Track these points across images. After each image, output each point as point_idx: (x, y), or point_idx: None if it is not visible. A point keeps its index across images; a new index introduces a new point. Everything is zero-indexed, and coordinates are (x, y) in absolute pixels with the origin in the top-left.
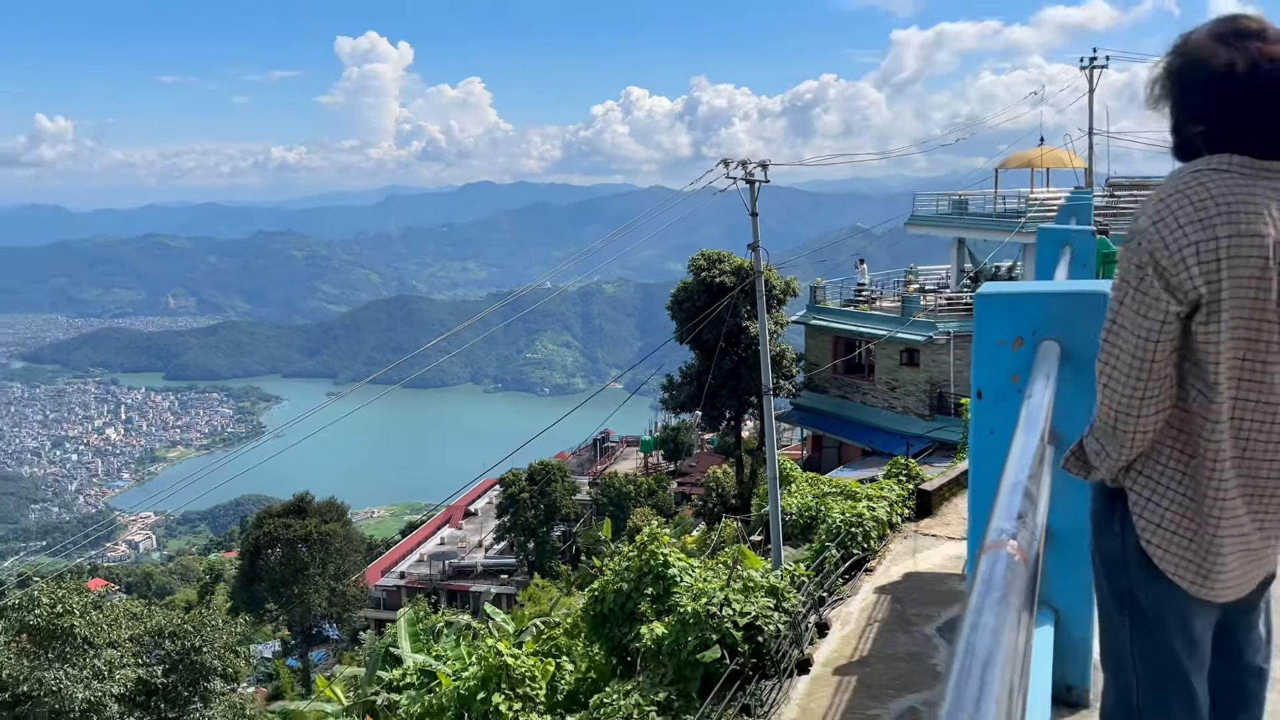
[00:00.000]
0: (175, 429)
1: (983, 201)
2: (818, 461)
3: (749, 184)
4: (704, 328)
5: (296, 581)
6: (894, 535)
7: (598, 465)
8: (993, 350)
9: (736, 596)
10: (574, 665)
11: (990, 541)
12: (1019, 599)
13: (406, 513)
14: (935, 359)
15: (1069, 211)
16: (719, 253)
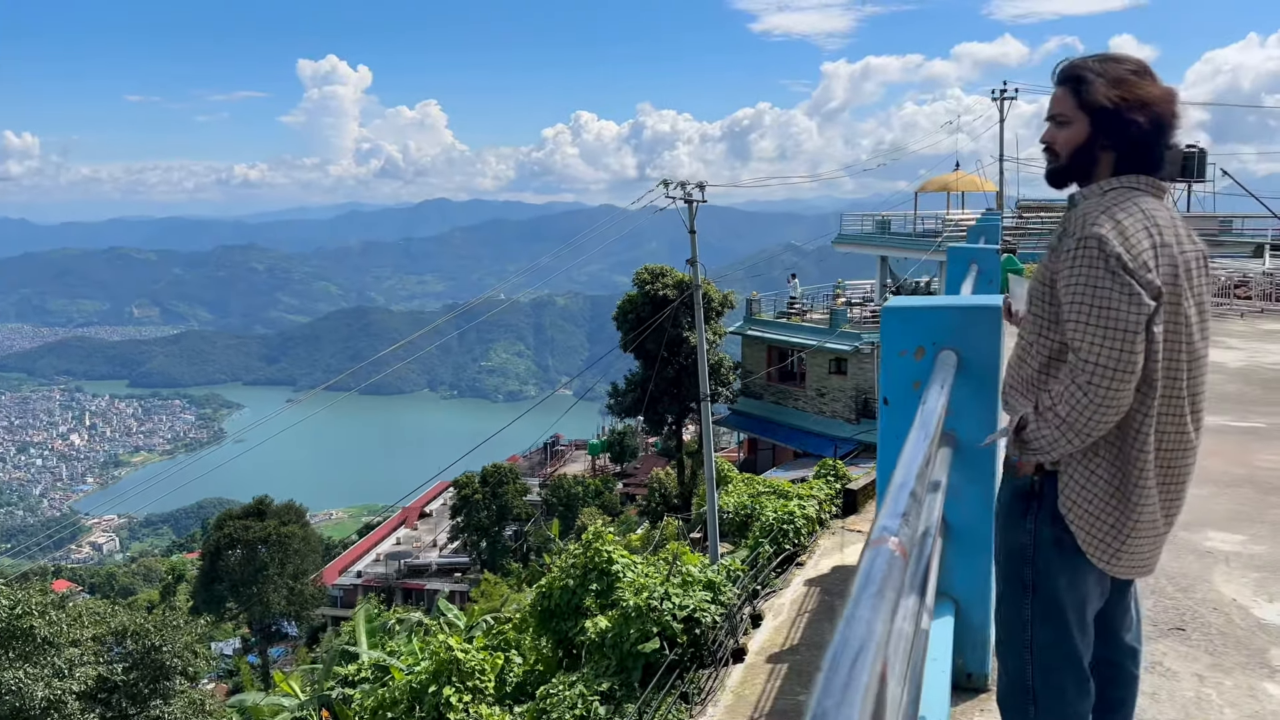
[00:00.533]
0: (139, 435)
1: (904, 221)
2: (753, 463)
3: (688, 203)
4: (647, 338)
5: (256, 581)
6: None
7: (548, 468)
8: (897, 360)
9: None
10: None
11: (874, 538)
12: (895, 593)
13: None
14: (861, 368)
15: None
16: (661, 267)
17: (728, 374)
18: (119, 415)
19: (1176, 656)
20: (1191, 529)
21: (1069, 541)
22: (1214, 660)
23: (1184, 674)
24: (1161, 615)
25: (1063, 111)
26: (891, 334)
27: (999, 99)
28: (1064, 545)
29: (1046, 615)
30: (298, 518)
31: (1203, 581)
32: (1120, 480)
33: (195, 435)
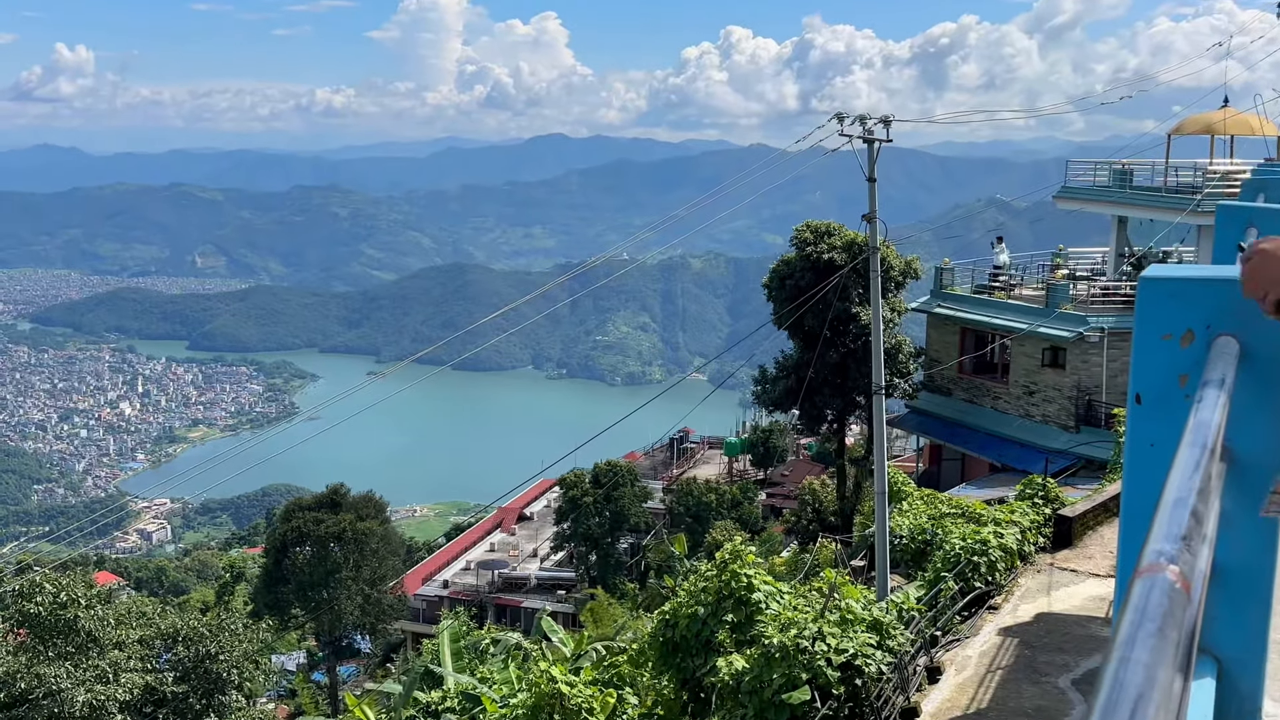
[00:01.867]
0: (198, 406)
1: (1151, 173)
2: (936, 476)
3: (867, 144)
4: (806, 312)
5: (327, 585)
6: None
7: (674, 469)
8: (1156, 345)
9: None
10: (638, 698)
11: (1146, 565)
12: (1178, 633)
13: (453, 513)
14: (1085, 360)
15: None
16: (828, 224)
17: (907, 362)
18: (176, 382)
19: None
20: None
21: None
22: None
23: None
24: None
25: None
26: (1151, 311)
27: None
28: None
29: None
30: (377, 513)
31: None
32: None
33: (263, 409)
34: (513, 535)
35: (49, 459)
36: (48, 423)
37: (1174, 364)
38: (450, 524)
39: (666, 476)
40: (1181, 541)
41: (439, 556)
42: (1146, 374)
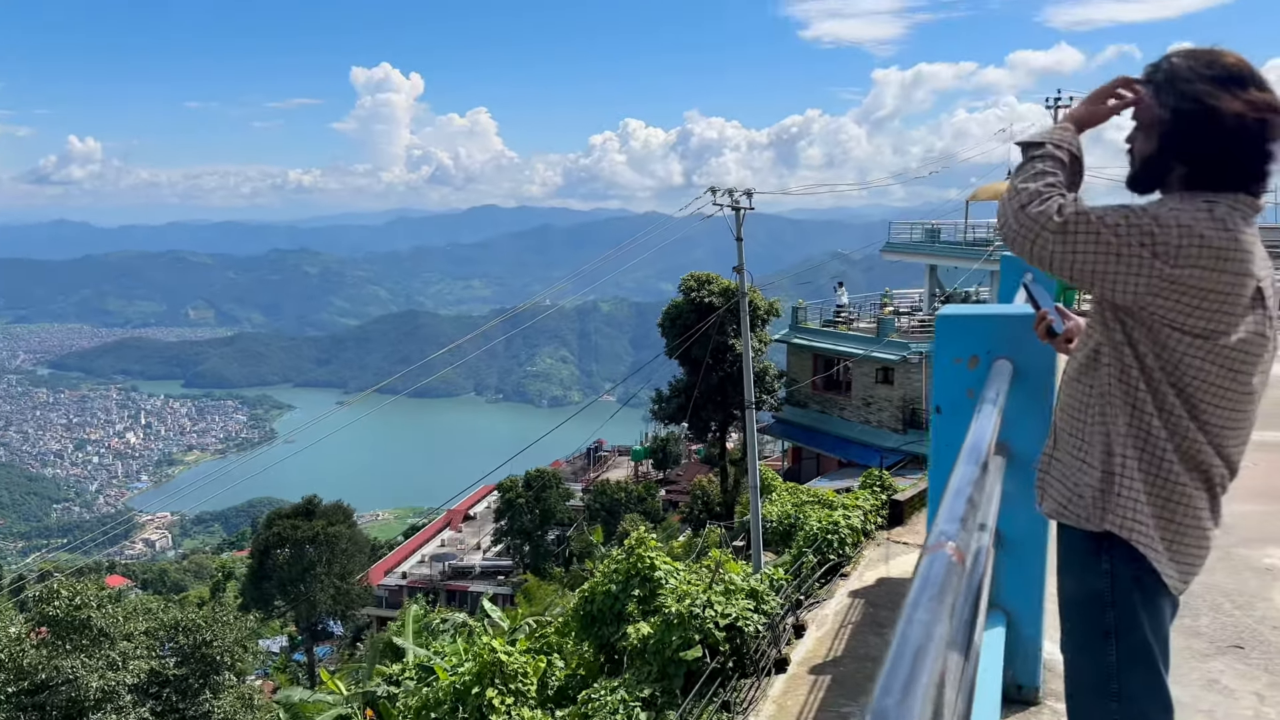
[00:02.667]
0: (192, 434)
1: (954, 231)
2: (797, 472)
3: (735, 211)
4: (692, 344)
5: (304, 580)
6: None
7: (591, 473)
8: (950, 368)
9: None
10: (564, 663)
11: (931, 543)
12: (954, 597)
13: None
14: (908, 377)
15: None
16: (707, 274)
17: (773, 382)
18: (173, 415)
19: (1235, 675)
20: (1252, 545)
21: (1148, 578)
22: (1273, 678)
23: (1242, 692)
24: (1220, 633)
25: (1140, 114)
26: (946, 341)
27: (1053, 107)
28: (1144, 581)
29: (1136, 660)
30: (345, 518)
31: (1262, 599)
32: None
33: (247, 435)
34: (459, 532)
35: (66, 482)
36: (65, 452)
37: (964, 382)
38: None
39: (585, 479)
40: (960, 523)
41: (398, 552)
42: (944, 390)
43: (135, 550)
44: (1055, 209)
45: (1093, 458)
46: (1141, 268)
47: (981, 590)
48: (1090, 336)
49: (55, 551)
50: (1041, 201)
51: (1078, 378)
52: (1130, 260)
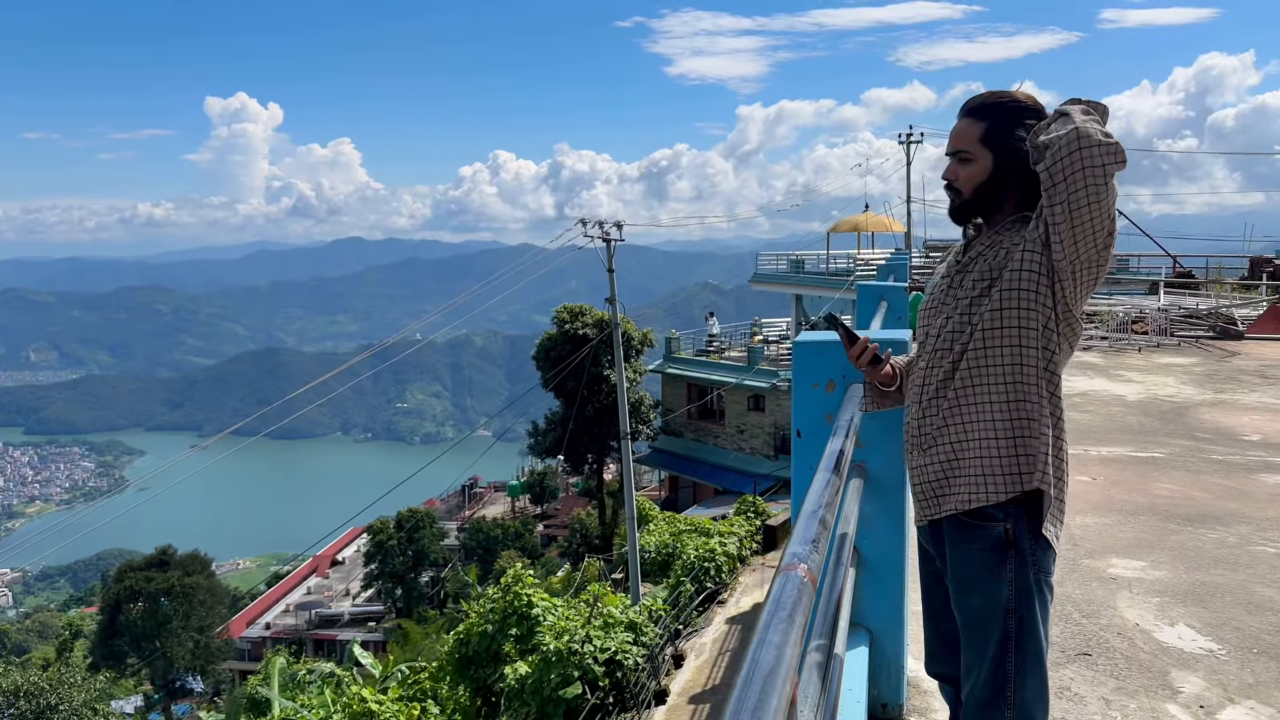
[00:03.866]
0: (34, 484)
1: (817, 261)
2: (674, 501)
3: (606, 242)
4: (567, 376)
5: (159, 635)
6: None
7: (466, 510)
8: (809, 393)
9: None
10: (440, 708)
11: (784, 565)
12: (804, 617)
13: (273, 563)
14: (779, 404)
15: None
16: (581, 306)
17: (648, 412)
18: (14, 464)
19: (1083, 681)
20: (1096, 556)
21: (1045, 580)
22: (1119, 684)
23: (1090, 698)
24: (1068, 641)
25: (965, 147)
26: (804, 368)
27: (906, 143)
28: (1041, 586)
29: (1033, 665)
30: (203, 568)
31: (1107, 607)
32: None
33: (95, 484)
34: (327, 579)
35: None
36: None
37: (822, 406)
38: (270, 572)
39: (460, 517)
40: (811, 544)
41: (261, 602)
42: (803, 414)
43: None
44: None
45: (1002, 430)
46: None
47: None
48: (973, 318)
49: None
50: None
51: (978, 358)
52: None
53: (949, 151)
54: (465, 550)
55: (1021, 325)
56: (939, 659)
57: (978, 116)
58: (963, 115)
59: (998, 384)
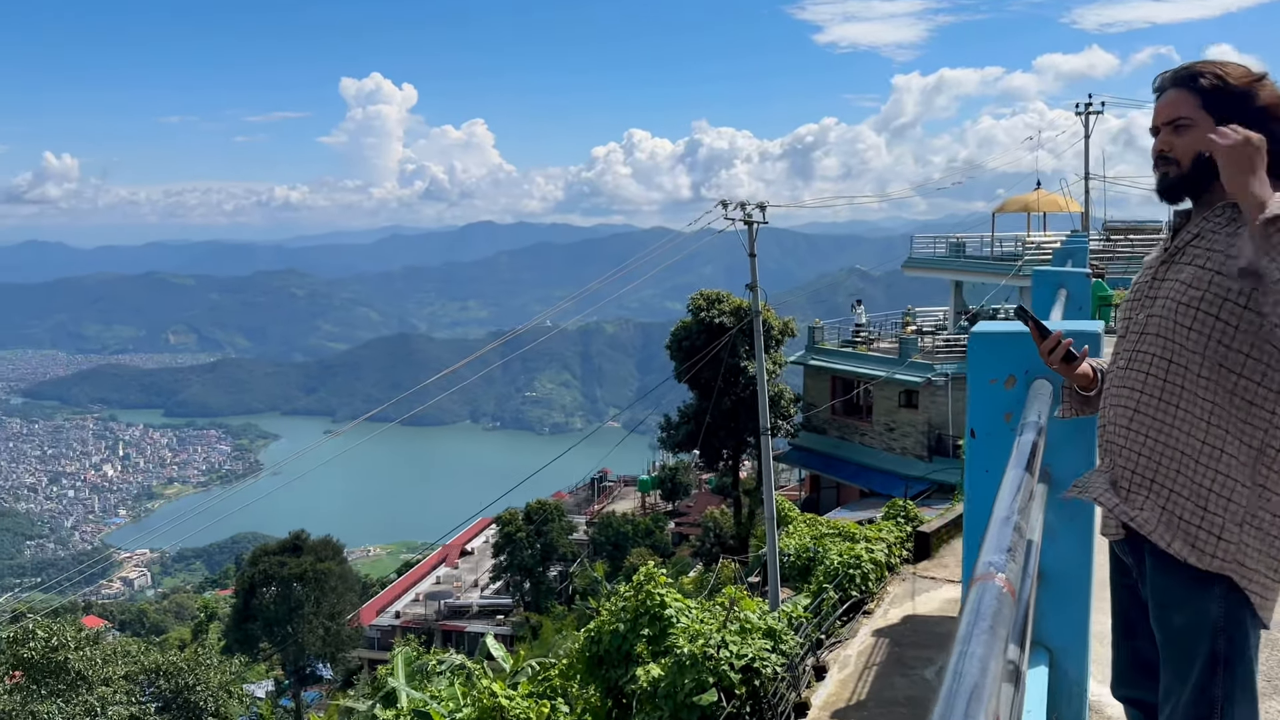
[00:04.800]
0: (173, 466)
1: (980, 244)
2: (816, 502)
3: (747, 225)
4: (702, 367)
5: (291, 620)
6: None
7: (595, 504)
8: (986, 389)
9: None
10: (570, 707)
11: (980, 574)
12: (1006, 630)
13: (403, 551)
14: (933, 400)
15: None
16: (717, 292)
17: (788, 406)
18: (153, 445)
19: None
20: None
21: (1249, 602)
22: None
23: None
24: (1275, 670)
25: (1185, 114)
26: (980, 361)
27: (1084, 113)
28: (1249, 606)
29: (1243, 692)
30: (335, 554)
31: None
32: None
33: (231, 466)
34: (456, 569)
35: (40, 517)
36: (39, 485)
37: (1000, 404)
38: (400, 561)
39: (589, 511)
40: (1007, 553)
41: (391, 590)
42: (979, 412)
43: (113, 589)
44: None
45: (1205, 482)
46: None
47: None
48: (1179, 351)
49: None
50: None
51: (1179, 361)
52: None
53: (1162, 122)
54: (594, 545)
55: (1224, 343)
56: (1130, 681)
57: (1192, 84)
58: (1173, 85)
59: (1200, 393)
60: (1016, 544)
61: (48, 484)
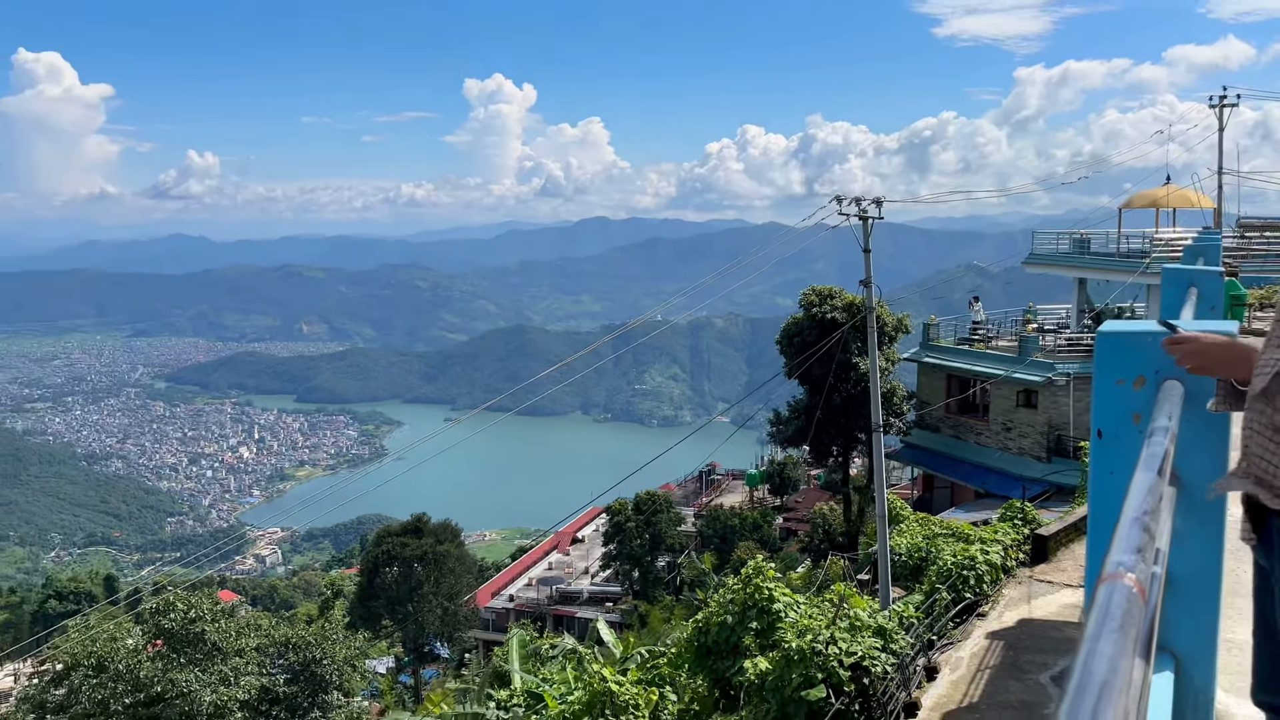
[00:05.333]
0: (304, 449)
1: (1105, 241)
2: (928, 502)
3: (862, 221)
4: (813, 363)
5: (411, 600)
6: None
7: (703, 497)
8: (1113, 389)
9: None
10: (677, 696)
11: (1109, 573)
12: (1136, 629)
13: (516, 537)
14: (1054, 400)
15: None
16: (830, 289)
17: (901, 404)
18: (286, 429)
19: None
20: None
21: None
22: None
23: None
24: None
25: None
26: (1108, 360)
27: (1218, 106)
28: None
29: None
30: (453, 537)
31: None
32: None
33: (357, 451)
34: (567, 555)
35: (180, 496)
36: (179, 465)
37: (1128, 405)
38: (515, 546)
39: (697, 504)
40: (1137, 553)
41: (505, 574)
42: (1105, 413)
43: (246, 565)
44: None
45: None
46: None
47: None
48: None
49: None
50: None
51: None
52: None
53: None
54: (701, 537)
55: None
56: (1272, 686)
57: None
58: None
59: None
60: (1146, 545)
61: (188, 464)
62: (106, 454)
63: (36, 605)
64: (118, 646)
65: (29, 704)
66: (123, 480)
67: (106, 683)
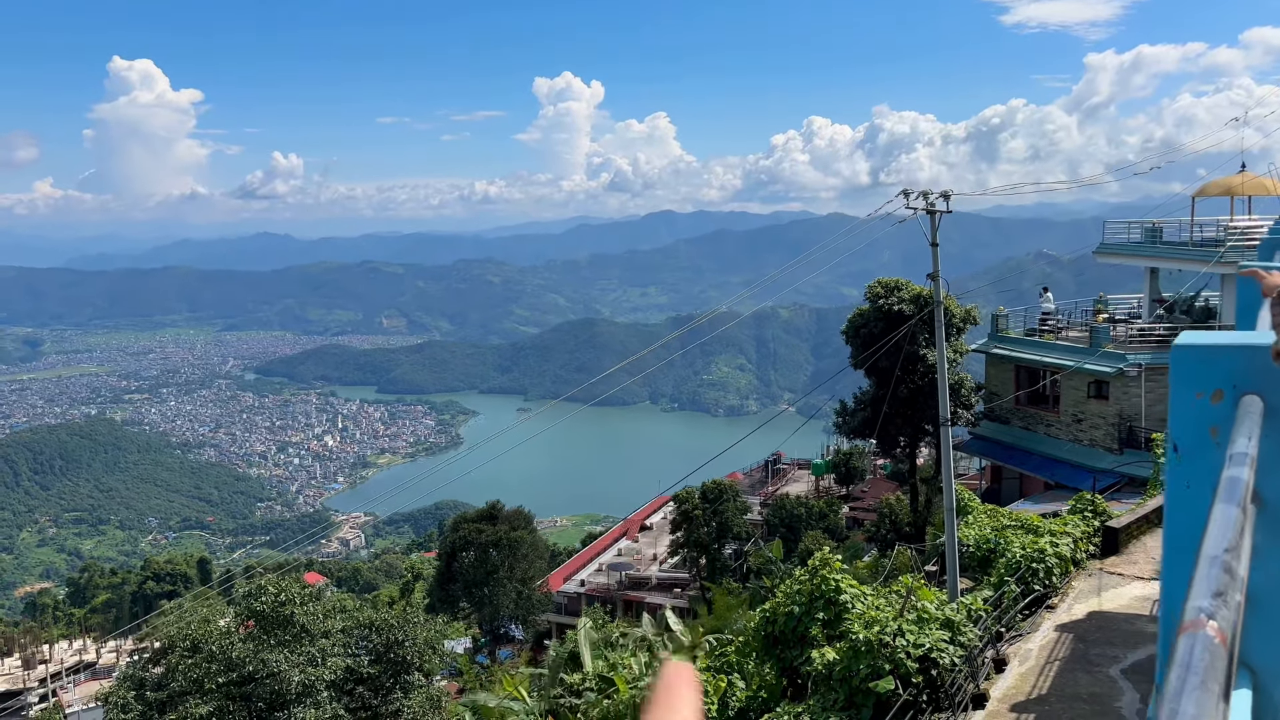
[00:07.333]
0: (384, 438)
1: (1178, 229)
2: (997, 493)
3: (929, 214)
4: (880, 355)
5: (487, 583)
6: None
7: (769, 486)
8: (1190, 402)
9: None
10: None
11: (1188, 621)
12: (1219, 684)
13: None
14: (1125, 391)
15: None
16: (897, 280)
17: (969, 395)
18: (368, 419)
19: None
20: None
21: None
22: None
23: None
24: None
25: None
26: (1185, 373)
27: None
28: None
29: None
30: (526, 524)
31: None
32: None
33: (435, 440)
34: (636, 542)
35: (269, 482)
36: (268, 453)
37: (1206, 418)
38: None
39: (763, 493)
40: (1218, 598)
41: (576, 560)
42: (1182, 427)
43: (331, 549)
44: None
45: None
46: None
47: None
48: None
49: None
50: None
51: None
52: None
53: None
54: (768, 526)
55: None
56: None
57: None
58: None
59: None
60: (1228, 587)
61: (276, 452)
62: (200, 442)
63: (135, 586)
64: (211, 628)
65: (130, 682)
66: (215, 467)
67: (201, 662)
